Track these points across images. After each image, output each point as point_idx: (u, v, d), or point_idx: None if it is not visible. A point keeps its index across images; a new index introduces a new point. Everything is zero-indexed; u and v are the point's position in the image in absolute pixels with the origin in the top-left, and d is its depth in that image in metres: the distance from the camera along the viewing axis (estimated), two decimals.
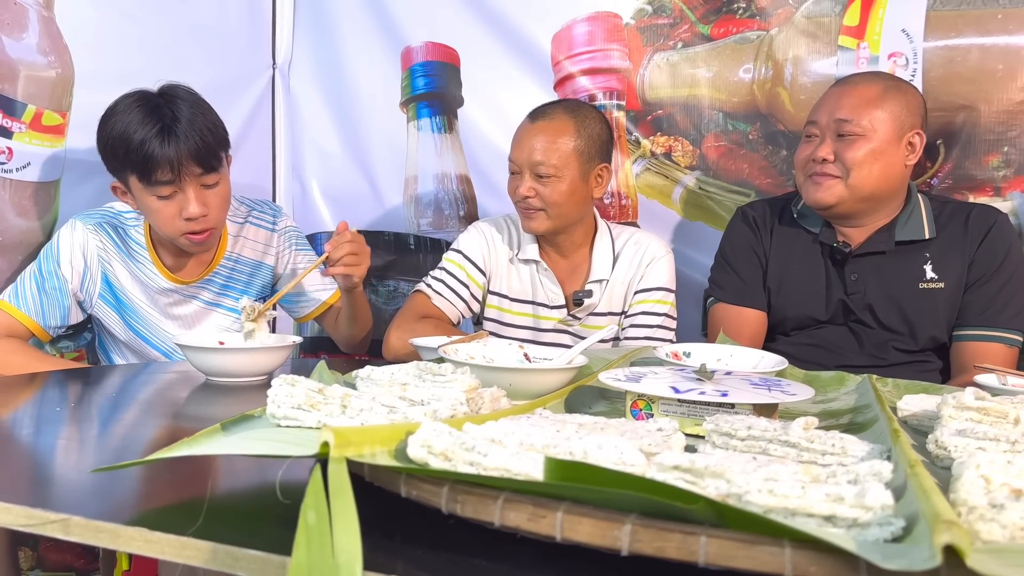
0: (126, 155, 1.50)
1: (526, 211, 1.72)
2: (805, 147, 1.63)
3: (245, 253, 1.81)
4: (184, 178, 1.52)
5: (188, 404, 1.16)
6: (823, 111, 1.60)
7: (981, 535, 0.48)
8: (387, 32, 2.36)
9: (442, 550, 0.56)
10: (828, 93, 1.64)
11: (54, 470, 0.79)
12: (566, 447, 0.61)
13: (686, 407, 0.89)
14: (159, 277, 1.70)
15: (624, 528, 0.48)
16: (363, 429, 0.57)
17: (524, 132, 1.72)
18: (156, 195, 1.53)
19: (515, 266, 1.82)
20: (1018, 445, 0.73)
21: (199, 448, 0.62)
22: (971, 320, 1.57)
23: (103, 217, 1.69)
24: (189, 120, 1.51)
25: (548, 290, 1.80)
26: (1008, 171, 1.83)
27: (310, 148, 2.51)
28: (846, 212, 1.60)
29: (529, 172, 1.68)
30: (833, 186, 1.57)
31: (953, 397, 0.87)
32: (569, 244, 1.79)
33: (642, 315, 1.75)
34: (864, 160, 1.54)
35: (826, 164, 1.57)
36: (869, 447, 0.71)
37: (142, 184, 1.52)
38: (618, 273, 1.79)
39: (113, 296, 1.69)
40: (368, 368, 0.89)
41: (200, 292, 1.76)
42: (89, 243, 1.65)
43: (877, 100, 1.55)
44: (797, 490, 0.49)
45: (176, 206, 1.54)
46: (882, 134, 1.54)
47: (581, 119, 1.71)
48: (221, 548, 0.53)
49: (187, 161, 1.50)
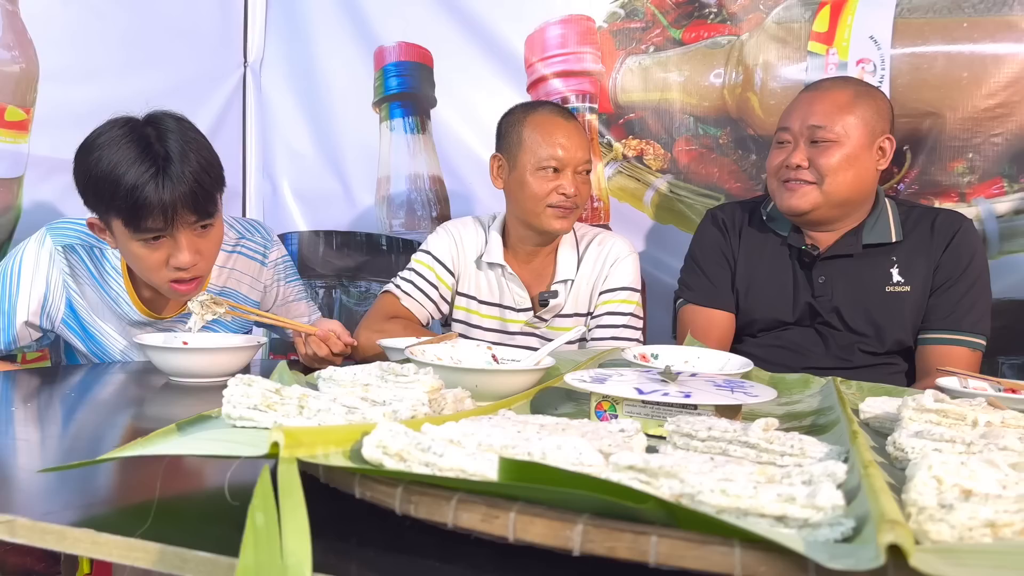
0: (112, 198, 1.32)
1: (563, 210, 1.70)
2: (777, 153, 1.63)
3: (230, 285, 1.65)
4: (177, 226, 1.35)
5: (149, 405, 1.14)
6: (795, 117, 1.60)
7: (930, 535, 0.48)
8: (360, 32, 2.35)
9: (396, 552, 0.55)
10: (799, 99, 1.64)
11: (4, 471, 0.77)
12: (525, 448, 0.61)
13: (650, 408, 0.89)
14: (132, 310, 1.54)
15: (576, 528, 0.48)
16: (315, 429, 0.57)
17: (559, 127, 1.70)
18: (142, 241, 1.36)
19: (481, 268, 1.82)
20: (973, 447, 0.73)
21: (151, 448, 0.61)
22: (936, 324, 1.59)
23: (78, 237, 1.51)
24: (182, 158, 1.34)
25: (515, 293, 1.80)
26: (973, 177, 1.86)
27: (281, 147, 2.50)
28: (819, 218, 1.61)
29: (571, 170, 1.69)
30: (808, 193, 1.57)
31: (913, 400, 0.88)
32: (537, 248, 1.80)
33: (608, 315, 1.76)
34: (838, 166, 1.55)
35: (800, 170, 1.57)
36: (827, 448, 0.72)
37: (128, 230, 1.35)
38: (583, 273, 1.79)
39: (78, 323, 1.56)
40: (331, 369, 0.89)
41: (177, 326, 1.59)
42: (55, 267, 1.49)
43: (849, 106, 1.57)
44: (749, 490, 0.49)
45: (164, 254, 1.38)
46: (855, 140, 1.55)
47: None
48: (169, 550, 0.53)
49: (182, 209, 1.33)
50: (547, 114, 1.72)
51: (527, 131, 1.71)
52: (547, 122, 1.71)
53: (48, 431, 0.95)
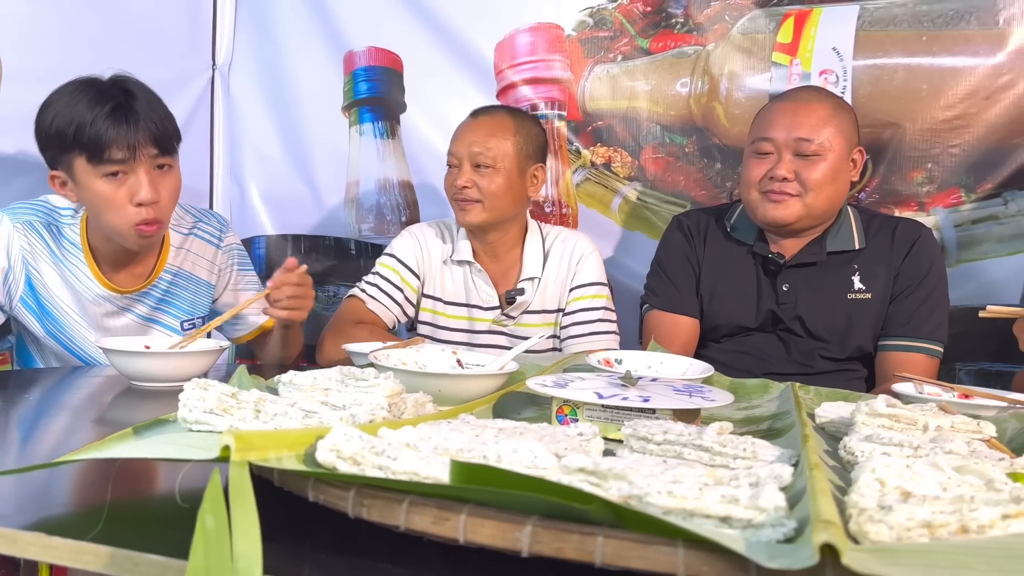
0: (76, 134, 1.37)
1: (463, 203, 1.74)
2: (758, 164, 1.61)
3: (186, 267, 1.68)
4: (139, 158, 1.40)
5: (110, 409, 1.13)
6: (778, 128, 1.59)
7: (870, 536, 0.49)
8: (330, 36, 2.35)
9: (349, 554, 0.55)
10: (778, 109, 1.63)
11: None
12: (481, 451, 0.62)
13: (610, 412, 0.90)
14: (93, 283, 1.56)
15: (525, 530, 0.49)
16: (268, 433, 0.57)
17: (466, 126, 1.77)
18: (106, 174, 1.40)
19: (449, 268, 1.84)
20: (921, 450, 0.75)
21: (105, 452, 0.61)
22: (895, 330, 1.62)
23: (36, 213, 1.55)
24: (146, 102, 1.43)
25: (482, 291, 1.82)
26: (931, 187, 1.90)
27: (249, 151, 2.49)
28: (798, 229, 1.62)
29: (469, 163, 1.73)
30: (792, 205, 1.58)
31: (866, 404, 0.90)
32: (501, 244, 1.82)
33: (582, 311, 1.80)
34: (823, 179, 1.56)
35: (786, 183, 1.57)
36: (779, 452, 0.73)
37: (91, 165, 1.39)
38: (550, 271, 1.82)
39: (35, 301, 1.56)
40: (291, 373, 0.88)
41: (136, 304, 1.62)
42: (14, 242, 1.51)
43: (831, 118, 1.58)
44: (695, 492, 0.50)
45: (126, 190, 1.42)
46: (837, 152, 1.57)
47: (520, 119, 1.78)
48: (120, 553, 0.52)
49: (143, 140, 1.40)
50: (469, 115, 1.80)
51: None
52: (461, 123, 1.80)
53: (4, 435, 0.94)
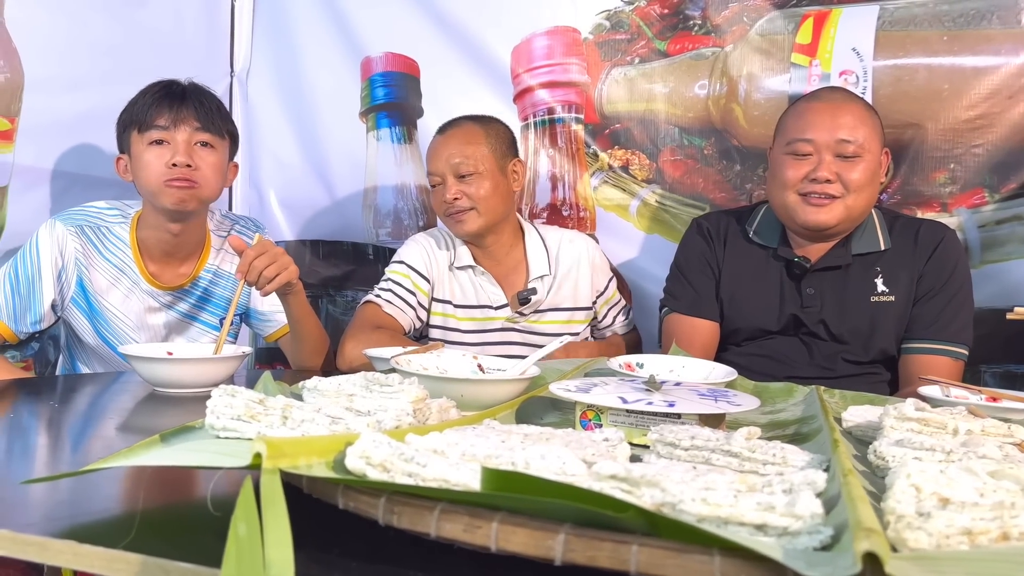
0: (132, 109, 1.59)
1: (456, 215, 1.77)
2: (797, 165, 1.58)
3: (224, 266, 1.78)
4: (179, 126, 1.57)
5: (135, 416, 1.14)
6: (819, 129, 1.56)
7: (908, 543, 0.49)
8: (347, 42, 2.35)
9: (379, 562, 0.55)
10: (815, 109, 1.59)
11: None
12: (508, 457, 0.61)
13: (634, 417, 0.90)
14: (139, 278, 1.66)
15: (558, 538, 0.48)
16: (298, 440, 0.57)
17: (438, 143, 1.81)
18: (151, 142, 1.57)
19: (454, 274, 1.87)
20: (953, 455, 0.74)
21: (134, 459, 0.61)
22: (919, 333, 1.60)
23: (84, 219, 1.65)
24: (201, 91, 1.64)
25: (489, 292, 1.85)
26: (954, 187, 1.88)
27: (268, 157, 2.50)
28: (837, 232, 1.60)
29: (452, 176, 1.76)
30: (834, 208, 1.55)
31: (895, 408, 0.89)
32: (499, 246, 1.85)
33: (611, 310, 1.93)
34: (864, 181, 1.54)
35: (829, 185, 1.54)
36: (809, 457, 0.72)
37: (140, 134, 1.58)
38: (562, 271, 1.86)
39: (86, 301, 1.65)
40: (315, 379, 0.89)
41: (177, 303, 1.72)
42: (68, 244, 1.61)
43: (868, 119, 1.56)
44: (730, 499, 0.50)
45: (165, 156, 1.57)
46: (874, 153, 1.56)
47: (485, 123, 1.82)
48: (152, 561, 0.52)
49: (186, 114, 1.58)
50: (437, 134, 1.84)
51: None
52: (432, 141, 1.83)
53: (31, 442, 0.95)
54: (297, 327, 1.72)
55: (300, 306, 1.69)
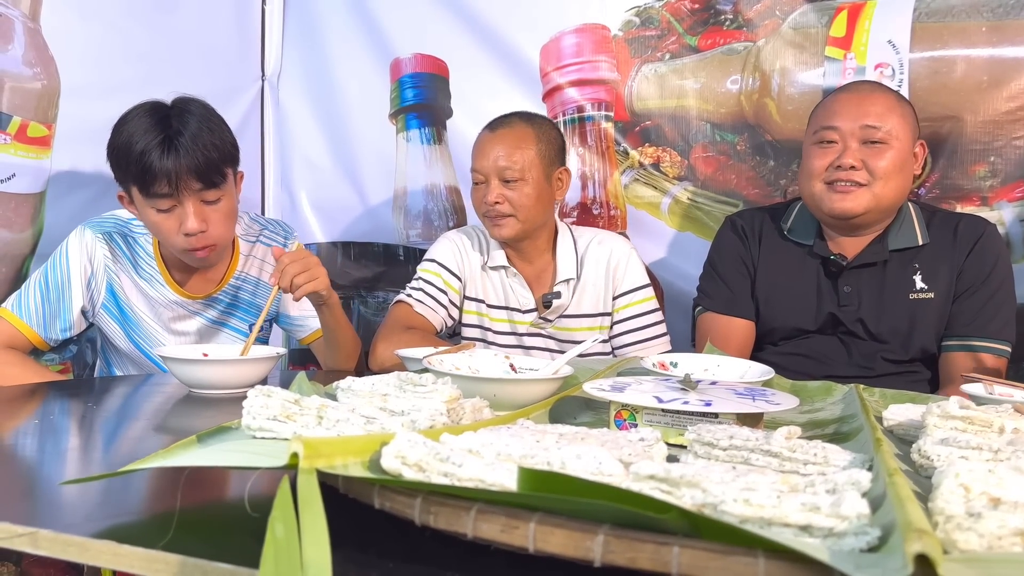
0: (127, 165, 1.47)
1: (495, 218, 1.74)
2: (823, 154, 1.56)
3: (253, 272, 1.77)
4: (183, 192, 1.48)
5: (170, 417, 1.15)
6: (844, 117, 1.54)
7: (958, 544, 0.47)
8: (376, 44, 2.36)
9: (416, 563, 0.55)
10: (842, 99, 1.58)
11: (27, 483, 0.78)
12: (544, 457, 0.61)
13: (670, 417, 0.88)
14: (166, 289, 1.66)
15: (597, 539, 0.47)
16: (334, 440, 0.56)
17: (486, 141, 1.76)
18: (155, 208, 1.50)
19: (487, 273, 1.85)
20: (1001, 454, 0.72)
21: (171, 460, 0.61)
22: (959, 330, 1.56)
23: (113, 226, 1.65)
24: (194, 135, 1.47)
25: (519, 294, 1.83)
26: (995, 181, 1.84)
27: (299, 160, 2.52)
28: (866, 222, 1.57)
29: (496, 179, 1.72)
30: (861, 195, 1.53)
31: (938, 406, 0.86)
32: (533, 249, 1.82)
33: (632, 319, 1.79)
34: (892, 169, 1.52)
35: (853, 172, 1.52)
36: (851, 456, 0.71)
37: (143, 196, 1.50)
38: (587, 274, 1.81)
39: (117, 307, 1.66)
40: (349, 379, 0.88)
41: (206, 309, 1.72)
42: (97, 251, 1.62)
43: (897, 108, 1.54)
44: (773, 499, 0.48)
45: (176, 220, 1.51)
46: (904, 142, 1.53)
47: (538, 125, 1.77)
48: (190, 561, 0.52)
49: (186, 176, 1.46)
50: (484, 130, 1.79)
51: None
52: (480, 137, 1.78)
53: (69, 443, 0.96)
54: (330, 336, 1.72)
55: (334, 317, 1.68)
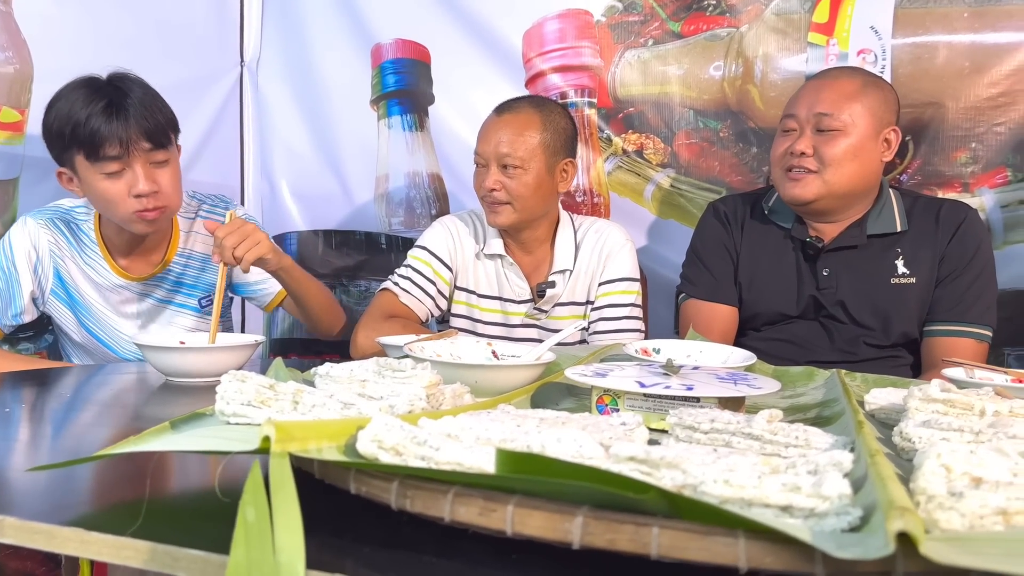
0: (72, 133, 1.44)
1: (492, 204, 1.70)
2: (782, 141, 1.61)
3: (197, 248, 1.74)
4: (133, 153, 1.47)
5: (146, 405, 1.13)
6: (802, 104, 1.58)
7: (940, 524, 0.47)
8: (357, 29, 2.34)
9: (393, 547, 0.54)
10: (806, 86, 1.62)
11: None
12: (524, 441, 0.60)
13: (652, 402, 0.88)
14: (110, 273, 1.65)
15: (575, 521, 0.47)
16: (308, 424, 0.55)
17: (491, 125, 1.71)
18: (104, 172, 1.47)
19: (481, 261, 1.81)
20: (982, 436, 0.72)
21: (142, 446, 0.60)
22: (941, 315, 1.57)
23: (54, 213, 1.64)
24: (140, 99, 1.48)
25: (514, 284, 1.79)
26: (976, 167, 1.84)
27: (279, 147, 2.49)
28: (822, 208, 1.59)
29: (495, 164, 1.68)
30: (811, 182, 1.55)
31: (919, 390, 0.86)
32: (533, 239, 1.78)
33: (609, 307, 1.75)
34: (843, 156, 1.53)
35: (804, 158, 1.54)
36: (833, 439, 0.70)
37: (89, 162, 1.47)
38: (581, 263, 1.78)
39: (66, 293, 1.65)
40: (327, 365, 0.87)
41: (153, 290, 1.71)
42: (41, 238, 1.61)
43: (857, 95, 1.55)
44: (753, 480, 0.48)
45: (124, 184, 1.49)
46: (861, 129, 1.53)
47: (547, 113, 1.71)
48: (160, 548, 0.51)
49: (136, 136, 1.46)
50: (494, 111, 1.74)
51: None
52: (486, 119, 1.74)
53: (41, 431, 0.94)
54: (299, 299, 1.70)
55: (293, 279, 1.65)
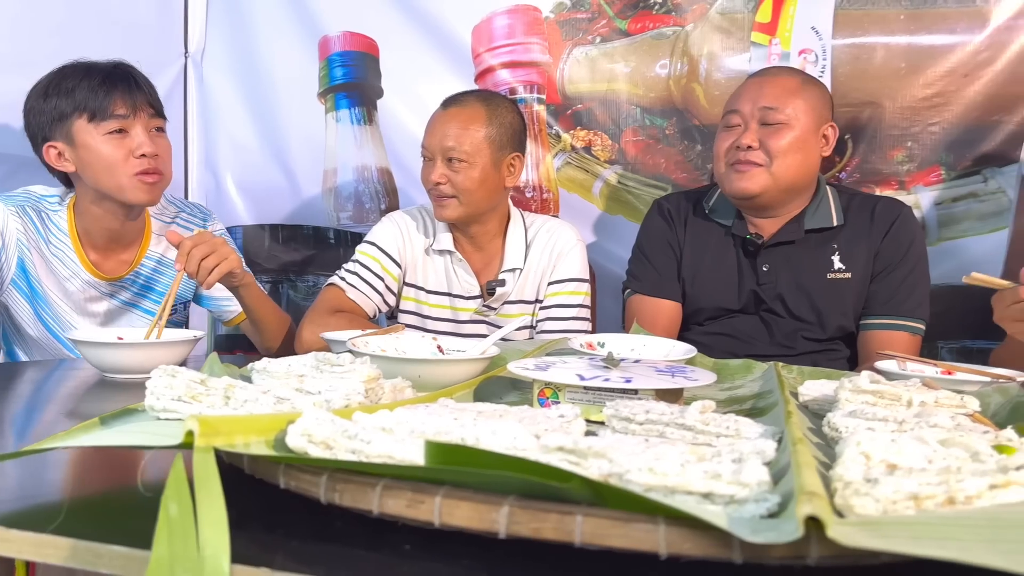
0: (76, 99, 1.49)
1: (438, 198, 1.70)
2: (726, 136, 1.62)
3: (169, 254, 1.70)
4: (138, 115, 1.52)
5: (81, 402, 1.11)
6: (745, 100, 1.60)
7: (855, 509, 0.48)
8: (304, 21, 2.31)
9: (323, 542, 0.54)
10: (748, 84, 1.64)
11: None
12: (459, 433, 0.60)
13: (592, 394, 0.89)
14: (79, 267, 1.61)
15: (502, 510, 0.47)
16: (235, 418, 0.55)
17: (437, 118, 1.71)
18: (108, 132, 1.50)
19: (430, 257, 1.80)
20: (905, 425, 0.74)
21: (67, 442, 0.59)
22: (876, 309, 1.61)
23: (25, 200, 1.59)
24: (139, 72, 1.57)
25: (463, 280, 1.78)
26: (911, 165, 1.90)
27: (224, 140, 2.44)
28: (767, 202, 1.62)
29: (441, 158, 1.67)
30: (757, 175, 1.57)
31: (849, 381, 0.89)
32: (483, 234, 1.78)
33: (557, 307, 1.76)
34: (788, 149, 1.56)
35: (751, 151, 1.56)
36: (763, 429, 0.72)
37: (93, 124, 1.50)
38: (531, 262, 1.78)
39: (27, 284, 1.60)
40: (264, 360, 0.86)
41: (120, 291, 1.67)
42: (9, 224, 1.55)
43: (798, 90, 1.58)
44: (676, 468, 0.49)
45: (127, 147, 1.52)
46: (803, 123, 1.57)
47: (493, 107, 1.70)
48: (82, 545, 0.50)
49: (142, 100, 1.53)
50: (441, 104, 1.74)
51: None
52: (433, 114, 1.73)
53: None
54: (253, 316, 1.68)
55: (252, 297, 1.64)
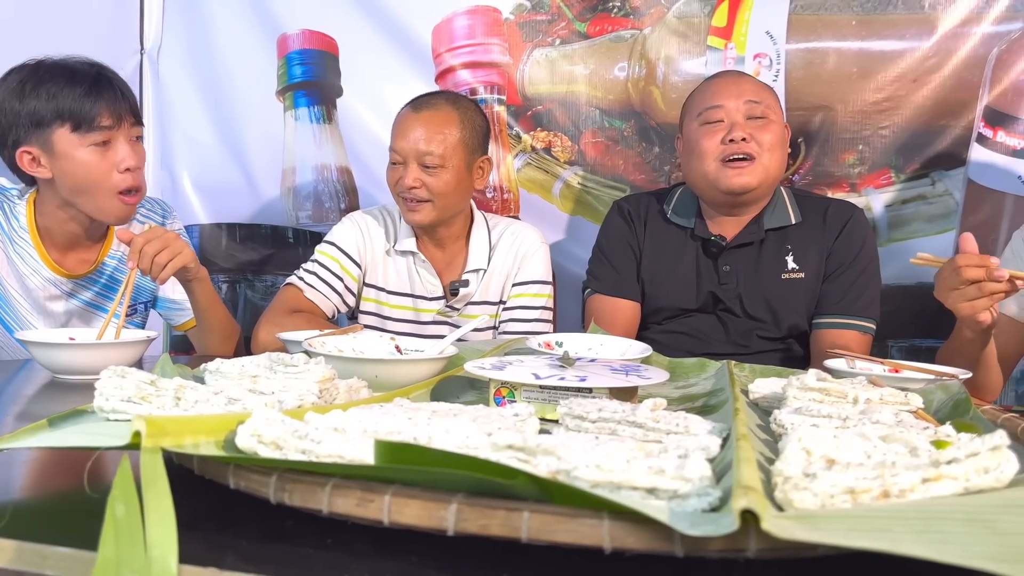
0: (58, 107, 1.42)
1: (410, 203, 1.68)
2: (711, 132, 1.60)
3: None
4: (122, 125, 1.47)
5: (31, 403, 1.09)
6: (727, 95, 1.59)
7: (794, 503, 0.50)
8: (262, 18, 2.29)
9: (273, 541, 0.54)
10: (720, 81, 1.64)
11: None
12: (411, 432, 0.60)
13: (547, 393, 0.90)
14: (40, 265, 1.56)
15: (450, 508, 0.48)
16: (183, 419, 0.55)
17: (408, 122, 1.68)
18: (92, 144, 1.44)
19: (392, 258, 1.80)
20: (849, 421, 0.76)
21: (13, 443, 0.58)
22: (828, 308, 1.65)
23: None
24: (117, 78, 1.51)
25: (426, 281, 1.78)
26: (863, 168, 1.94)
27: (180, 138, 2.41)
28: (755, 197, 1.63)
29: (415, 162, 1.65)
30: (754, 169, 1.57)
31: (797, 379, 0.91)
32: (447, 236, 1.78)
33: (520, 309, 1.76)
34: (776, 142, 1.59)
35: (744, 144, 1.56)
36: (711, 426, 0.74)
37: (77, 135, 1.43)
38: (495, 264, 1.78)
39: None
40: (217, 361, 0.86)
41: (81, 290, 1.63)
42: None
43: (768, 89, 1.63)
44: (622, 464, 0.50)
45: (110, 160, 1.46)
46: (779, 120, 1.61)
47: (464, 110, 1.70)
48: (27, 546, 0.50)
49: (124, 109, 1.47)
50: (407, 107, 1.71)
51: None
52: (402, 115, 1.71)
53: None
54: (203, 316, 1.64)
55: (205, 294, 1.61)
